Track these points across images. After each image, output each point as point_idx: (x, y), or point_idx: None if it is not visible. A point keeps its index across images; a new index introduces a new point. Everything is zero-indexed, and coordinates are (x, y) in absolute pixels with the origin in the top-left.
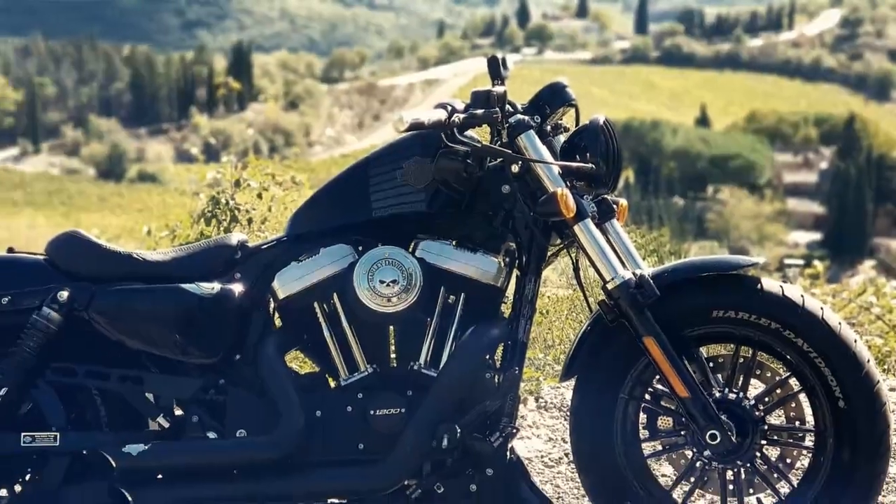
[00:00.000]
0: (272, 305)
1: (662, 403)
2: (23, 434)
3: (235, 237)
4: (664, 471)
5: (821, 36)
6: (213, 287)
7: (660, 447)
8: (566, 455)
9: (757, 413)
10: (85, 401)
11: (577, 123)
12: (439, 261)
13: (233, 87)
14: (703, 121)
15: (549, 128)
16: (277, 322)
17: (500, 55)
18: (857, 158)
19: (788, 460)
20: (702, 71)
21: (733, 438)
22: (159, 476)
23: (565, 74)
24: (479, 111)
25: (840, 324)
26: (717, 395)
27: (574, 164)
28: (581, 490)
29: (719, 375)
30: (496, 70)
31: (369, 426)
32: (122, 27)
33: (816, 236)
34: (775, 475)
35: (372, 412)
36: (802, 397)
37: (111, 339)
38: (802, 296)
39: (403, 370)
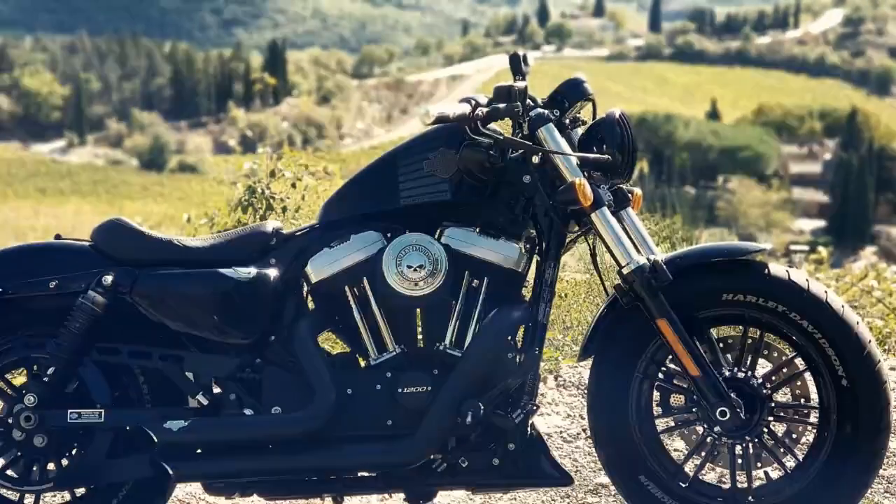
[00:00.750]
0: (305, 289)
1: (675, 382)
2: (69, 411)
3: (270, 224)
4: (676, 445)
5: (825, 34)
6: (250, 271)
7: (672, 423)
8: (584, 430)
9: (764, 391)
10: (128, 379)
11: (594, 117)
12: (463, 247)
13: (268, 83)
14: (713, 114)
15: (567, 121)
16: (310, 305)
17: (521, 52)
18: (859, 150)
19: (794, 435)
20: (712, 67)
21: (742, 415)
22: (198, 450)
23: (583, 70)
24: (502, 105)
25: (843, 306)
26: (727, 373)
27: (591, 156)
28: (598, 464)
29: (729, 355)
30: (517, 66)
31: (397, 403)
32: (164, 25)
33: (821, 224)
34: (782, 450)
35: (400, 390)
36: (807, 376)
37: (153, 321)
38: (807, 280)
39: (430, 350)
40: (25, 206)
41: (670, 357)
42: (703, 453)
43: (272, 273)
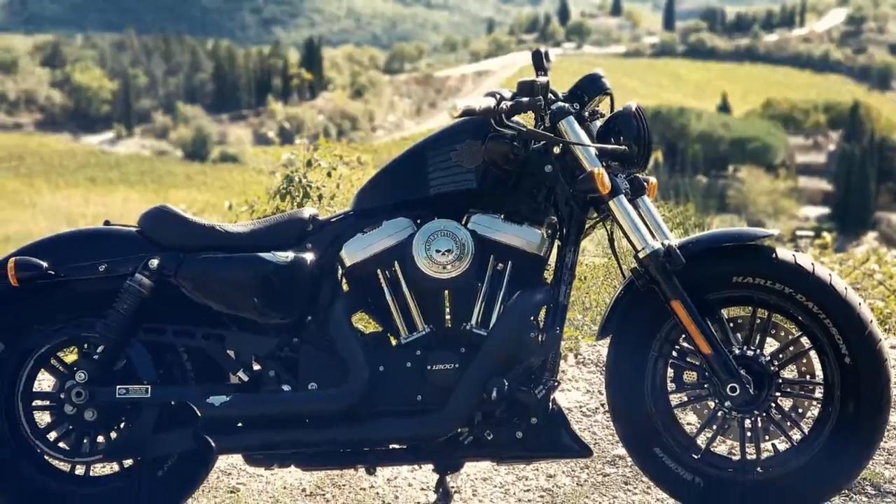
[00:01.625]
0: (340, 272)
1: (688, 359)
2: (118, 387)
3: (307, 211)
4: (689, 419)
5: (829, 32)
6: (288, 256)
7: (685, 398)
8: (602, 406)
9: (772, 368)
10: (173, 357)
11: (611, 110)
12: (489, 232)
13: (305, 78)
14: (724, 108)
15: (586, 114)
16: (345, 287)
17: (543, 49)
18: (861, 141)
19: (800, 410)
20: (723, 63)
21: (751, 391)
22: (239, 424)
23: (601, 66)
24: (525, 99)
25: (846, 288)
26: (737, 352)
27: (609, 147)
28: (615, 437)
29: (738, 334)
30: (539, 62)
31: (426, 380)
32: (206, 24)
33: (825, 211)
34: (788, 423)
35: (429, 367)
36: (813, 354)
37: (196, 302)
38: (813, 264)
39: (457, 330)
40: (76, 195)
41: (683, 336)
42: (715, 427)
43: (309, 257)
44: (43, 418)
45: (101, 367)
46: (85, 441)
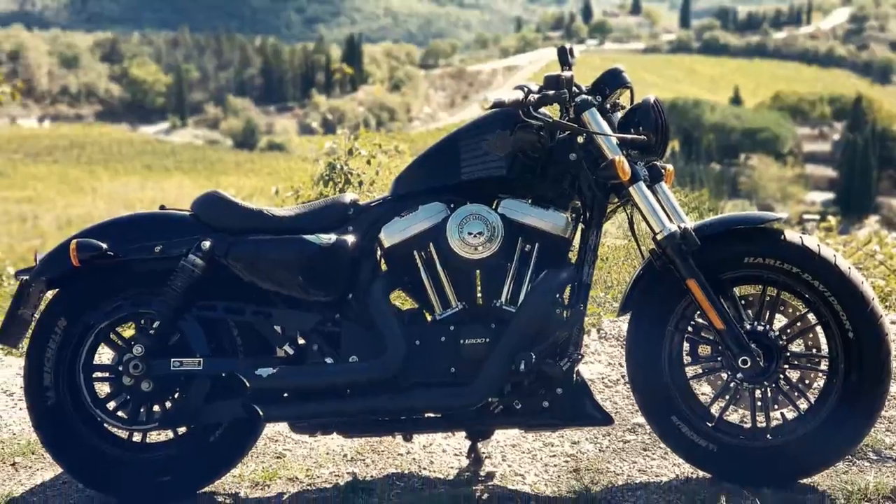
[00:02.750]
0: (379, 253)
1: (702, 334)
2: (172, 359)
3: (348, 196)
4: (703, 390)
5: (833, 30)
6: (330, 238)
7: (700, 370)
8: (622, 377)
9: (780, 342)
10: (223, 332)
11: (631, 102)
12: (518, 216)
13: (346, 72)
14: (736, 100)
15: (608, 106)
16: (383, 267)
17: (567, 46)
18: (864, 131)
19: (807, 381)
20: (735, 59)
21: (761, 363)
22: (285, 394)
23: (621, 62)
24: (551, 92)
25: (850, 268)
26: (748, 327)
27: (629, 136)
28: (635, 406)
29: (749, 311)
30: (564, 58)
31: (459, 353)
32: (254, 22)
33: (830, 196)
34: (796, 394)
35: (461, 342)
36: (818, 329)
37: (245, 281)
38: (818, 245)
39: (488, 307)
40: (134, 181)
41: (698, 313)
42: (727, 397)
43: (350, 239)
44: (103, 389)
45: (157, 341)
46: (141, 410)
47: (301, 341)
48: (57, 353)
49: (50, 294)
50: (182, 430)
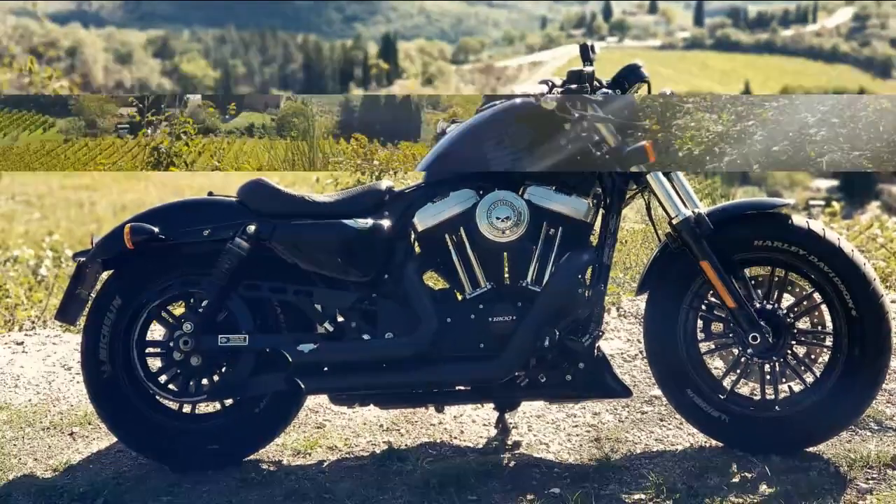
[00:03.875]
0: (412, 236)
1: (715, 312)
2: (220, 336)
3: (384, 183)
4: (716, 364)
5: (838, 28)
6: (367, 222)
7: (713, 346)
8: (640, 352)
9: (788, 320)
10: (267, 310)
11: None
12: (542, 202)
13: (382, 68)
14: (746, 93)
15: None
16: (416, 249)
17: (589, 42)
18: None
19: (812, 356)
20: (746, 55)
21: (770, 339)
22: (325, 368)
23: (640, 57)
24: (574, 86)
25: (853, 250)
26: (758, 305)
27: None
28: (652, 380)
29: (759, 291)
30: (587, 54)
31: (488, 330)
32: (296, 20)
33: (835, 183)
34: (802, 368)
35: (490, 319)
36: (823, 308)
37: (288, 262)
38: (824, 229)
39: (514, 287)
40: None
41: (711, 292)
42: (738, 371)
43: (385, 223)
44: (155, 363)
45: (205, 319)
46: (191, 383)
47: (340, 319)
48: (112, 330)
49: (105, 275)
50: (229, 401)
